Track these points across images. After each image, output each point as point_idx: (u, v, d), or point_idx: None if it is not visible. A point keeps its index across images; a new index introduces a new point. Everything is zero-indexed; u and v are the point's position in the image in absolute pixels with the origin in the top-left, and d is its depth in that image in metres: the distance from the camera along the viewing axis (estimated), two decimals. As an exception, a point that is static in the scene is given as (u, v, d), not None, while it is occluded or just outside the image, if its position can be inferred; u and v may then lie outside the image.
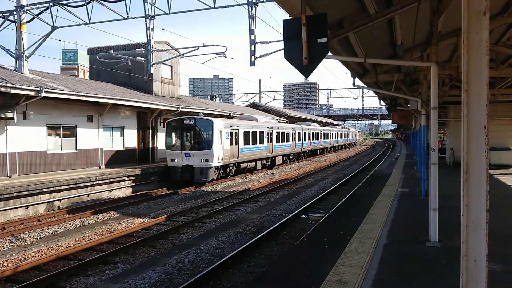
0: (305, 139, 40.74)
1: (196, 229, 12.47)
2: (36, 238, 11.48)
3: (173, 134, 22.38)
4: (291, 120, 50.11)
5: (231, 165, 23.88)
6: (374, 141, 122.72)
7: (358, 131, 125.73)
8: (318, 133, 46.70)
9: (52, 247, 10.57)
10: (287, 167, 33.00)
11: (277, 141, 31.76)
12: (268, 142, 29.54)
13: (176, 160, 21.46)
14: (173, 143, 22.23)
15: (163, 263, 8.88)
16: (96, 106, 21.27)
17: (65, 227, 12.71)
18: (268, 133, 29.69)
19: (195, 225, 12.84)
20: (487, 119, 2.88)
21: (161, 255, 9.69)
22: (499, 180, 17.84)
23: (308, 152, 43.50)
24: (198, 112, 24.61)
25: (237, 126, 24.42)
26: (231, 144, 23.33)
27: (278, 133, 32.12)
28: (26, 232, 12.08)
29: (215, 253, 9.69)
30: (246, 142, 25.60)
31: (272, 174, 28.07)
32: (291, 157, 36.77)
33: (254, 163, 27.13)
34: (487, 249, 2.91)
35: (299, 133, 38.48)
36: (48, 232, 12.13)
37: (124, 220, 13.57)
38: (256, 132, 27.49)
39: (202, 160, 20.98)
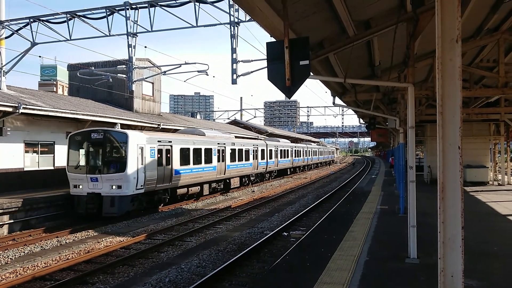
0: (271, 157, 35.23)
1: (177, 247, 12.33)
2: (11, 258, 11.16)
3: (78, 152, 17.23)
4: (272, 137, 50.17)
5: (161, 191, 18.79)
6: (354, 158, 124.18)
7: (337, 148, 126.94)
8: (287, 150, 41.45)
9: (28, 267, 10.28)
10: (268, 184, 33.04)
11: (232, 159, 26.72)
12: (219, 161, 24.55)
13: (80, 187, 16.47)
14: (77, 164, 17.01)
15: (143, 283, 8.75)
16: (76, 123, 21.01)
17: (41, 247, 12.40)
18: (218, 150, 24.64)
19: (175, 244, 12.71)
20: (461, 139, 3.02)
21: (141, 275, 9.55)
22: (475, 197, 18.27)
23: (275, 172, 38.13)
24: (115, 123, 18.87)
25: (170, 142, 19.28)
26: (160, 164, 18.31)
27: (233, 150, 27.02)
28: (0, 252, 11.73)
29: (196, 272, 9.60)
30: (185, 161, 20.50)
31: (253, 191, 28.07)
32: (252, 178, 31.44)
33: (198, 187, 22.16)
34: (463, 265, 3.02)
35: (262, 150, 33.16)
36: (24, 252, 11.81)
37: (103, 239, 13.33)
38: (201, 149, 22.34)
39: (114, 187, 16.13)
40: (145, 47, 23.61)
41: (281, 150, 38.89)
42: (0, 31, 19.59)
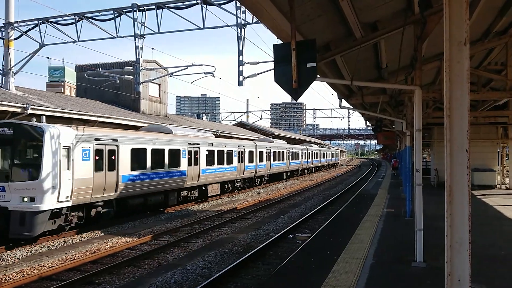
0: (261, 160, 31.34)
1: (182, 248, 12.36)
2: (18, 258, 11.24)
3: None
4: (277, 138, 49.97)
5: (101, 204, 14.77)
6: (360, 161, 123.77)
7: (343, 151, 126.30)
8: (282, 152, 37.14)
9: (35, 267, 10.35)
10: (273, 187, 33.00)
11: (210, 163, 22.66)
12: (191, 164, 20.58)
13: None
14: None
15: (149, 284, 8.77)
16: (83, 124, 21.13)
17: (48, 247, 12.47)
18: (190, 151, 20.67)
19: (181, 245, 12.73)
20: (469, 142, 3.01)
21: (146, 275, 9.57)
22: (482, 200, 18.14)
23: (268, 176, 33.78)
24: (41, 115, 14.30)
25: (115, 141, 15.38)
26: (99, 169, 14.46)
27: (211, 151, 22.89)
28: (8, 251, 11.81)
29: (201, 273, 9.61)
30: (139, 165, 16.71)
31: (259, 193, 28.06)
32: (237, 184, 27.42)
33: (161, 196, 18.41)
34: (470, 269, 3.00)
35: (251, 152, 29.27)
36: (31, 252, 11.88)
37: (109, 240, 13.39)
38: (163, 150, 18.47)
39: (25, 199, 12.27)
40: (152, 48, 23.74)
41: (274, 152, 34.70)
42: (9, 32, 19.77)
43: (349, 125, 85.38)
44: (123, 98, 27.73)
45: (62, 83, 79.79)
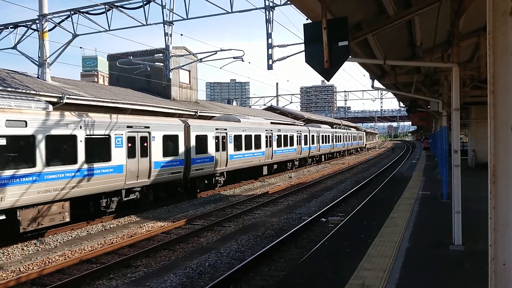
0: (203, 151, 19.50)
1: (216, 232, 12.53)
2: (59, 242, 11.71)
3: None
4: (309, 122, 49.50)
5: None
6: (393, 143, 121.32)
7: (375, 133, 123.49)
8: (257, 136, 25.11)
9: (75, 251, 10.76)
10: (305, 170, 32.84)
11: (33, 162, 11.42)
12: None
13: None
14: None
15: (184, 267, 8.94)
16: (116, 112, 21.56)
17: (87, 231, 12.93)
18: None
19: (214, 229, 12.90)
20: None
21: (181, 259, 9.77)
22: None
23: (223, 175, 21.64)
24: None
25: None
26: None
27: (51, 138, 12.06)
28: (50, 236, 12.32)
29: (235, 257, 9.71)
30: None
31: (290, 177, 28.01)
32: (133, 196, 15.27)
33: None
34: (516, 252, 2.86)
35: (168, 137, 17.22)
36: (71, 236, 12.35)
37: (145, 224, 13.73)
38: None
39: None
40: (181, 35, 23.88)
41: (237, 137, 22.77)
42: (44, 24, 20.26)
43: (381, 106, 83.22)
44: (154, 86, 28.09)
45: (95, 73, 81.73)
